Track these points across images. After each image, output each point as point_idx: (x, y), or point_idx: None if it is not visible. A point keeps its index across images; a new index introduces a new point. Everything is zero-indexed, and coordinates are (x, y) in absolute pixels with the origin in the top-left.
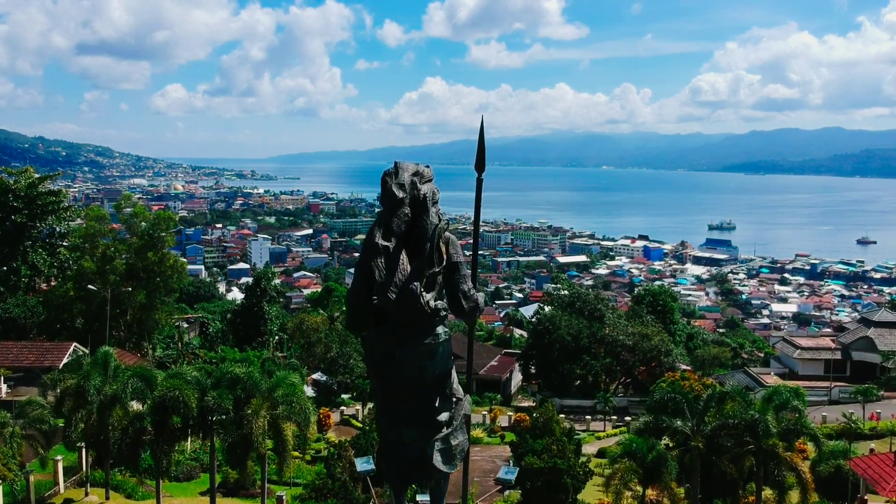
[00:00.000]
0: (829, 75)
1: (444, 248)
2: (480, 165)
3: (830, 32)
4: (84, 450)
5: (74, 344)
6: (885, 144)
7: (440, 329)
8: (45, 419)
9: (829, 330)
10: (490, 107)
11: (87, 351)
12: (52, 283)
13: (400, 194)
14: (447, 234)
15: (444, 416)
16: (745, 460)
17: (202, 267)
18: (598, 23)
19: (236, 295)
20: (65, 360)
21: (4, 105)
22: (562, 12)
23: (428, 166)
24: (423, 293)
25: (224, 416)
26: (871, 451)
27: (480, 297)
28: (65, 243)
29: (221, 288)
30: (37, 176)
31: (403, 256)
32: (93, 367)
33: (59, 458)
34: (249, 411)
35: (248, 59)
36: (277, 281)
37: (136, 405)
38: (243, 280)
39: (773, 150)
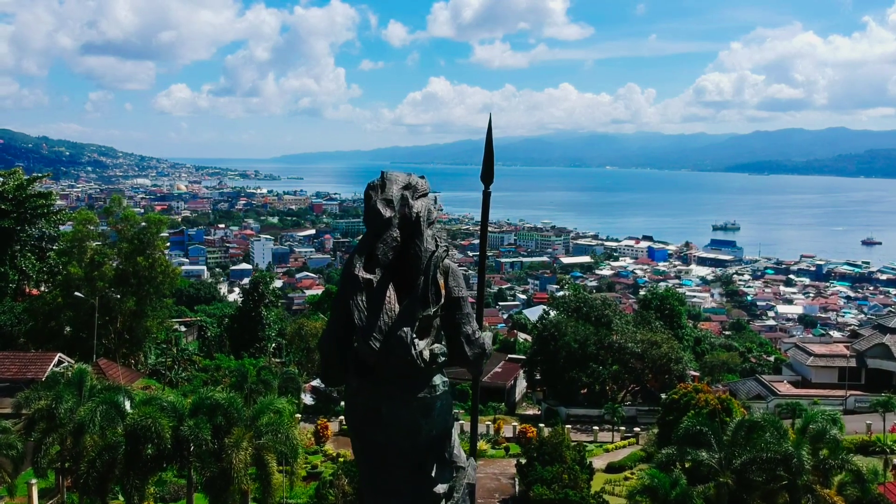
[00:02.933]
0: (834, 75)
1: (442, 281)
2: (488, 176)
3: (835, 32)
4: (60, 472)
5: (59, 355)
6: (890, 144)
7: (437, 379)
8: (13, 444)
9: (837, 333)
10: (494, 107)
11: (72, 362)
12: (42, 289)
13: (387, 213)
14: (447, 261)
15: (441, 488)
16: (779, 497)
17: (204, 267)
18: (603, 23)
19: (238, 296)
20: (48, 372)
21: (10, 105)
22: (566, 12)
23: (422, 177)
24: (416, 341)
25: (202, 447)
26: (894, 467)
27: (487, 338)
28: (54, 247)
29: (223, 289)
30: (26, 178)
31: (391, 292)
32: (66, 387)
33: (33, 481)
34: (230, 442)
35: (253, 59)
36: (279, 281)
37: (119, 429)
38: (245, 280)
39: (777, 151)
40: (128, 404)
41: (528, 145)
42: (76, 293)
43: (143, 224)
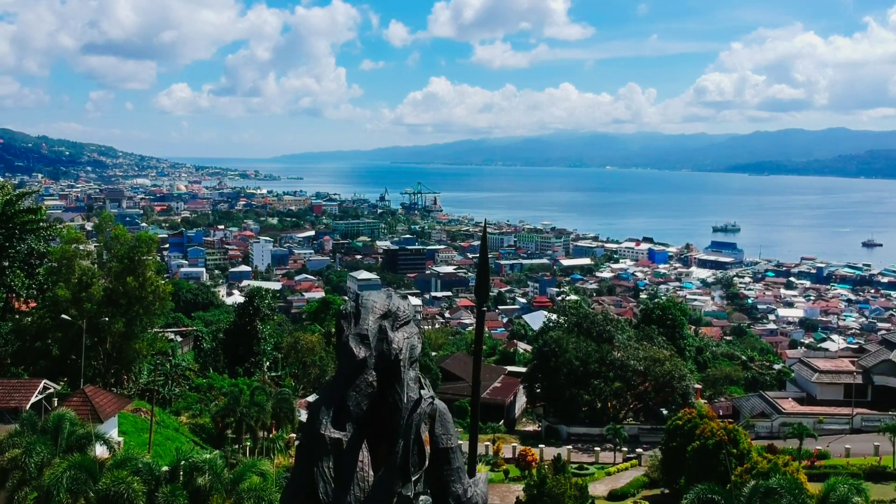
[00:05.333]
0: (835, 76)
1: (426, 433)
2: (483, 291)
3: (836, 33)
4: None
5: (44, 381)
6: (890, 145)
7: None
8: None
9: (838, 337)
10: (494, 107)
11: (58, 387)
12: (31, 305)
13: (361, 353)
14: (435, 402)
15: None
16: None
17: (203, 269)
18: (604, 23)
19: (237, 299)
20: (33, 400)
21: (10, 105)
22: (567, 12)
23: (405, 297)
24: None
25: None
26: None
27: (481, 488)
28: (44, 263)
29: (222, 291)
30: (15, 193)
31: (364, 454)
32: (41, 435)
33: None
34: None
35: (254, 59)
36: (278, 284)
37: (91, 495)
38: (245, 283)
39: (777, 151)
40: (103, 450)
41: (529, 145)
42: (63, 316)
43: (134, 242)
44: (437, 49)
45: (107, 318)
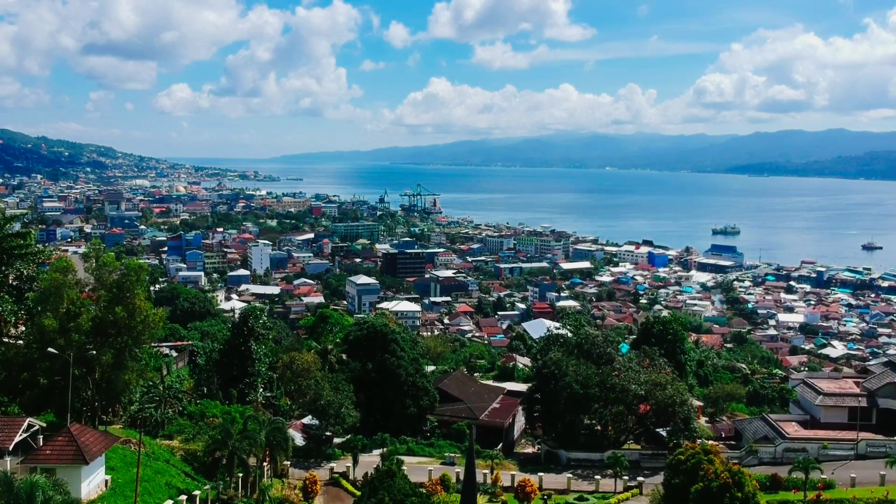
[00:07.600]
0: (835, 77)
1: None
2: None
3: (836, 34)
4: None
5: (28, 420)
6: (890, 146)
7: None
8: None
9: (839, 342)
10: (494, 107)
11: (43, 425)
12: (20, 324)
13: None
14: None
15: None
16: None
17: (202, 273)
18: (604, 24)
19: (236, 304)
20: (17, 439)
21: (10, 105)
22: (568, 13)
23: None
24: None
25: None
26: None
27: None
28: (33, 287)
29: (220, 296)
30: (3, 218)
31: None
32: (14, 502)
33: None
34: None
35: (255, 59)
36: (277, 288)
37: None
38: (243, 287)
39: (776, 152)
40: (88, 489)
41: (529, 146)
42: (49, 349)
43: (123, 270)
44: (438, 50)
45: (94, 352)
